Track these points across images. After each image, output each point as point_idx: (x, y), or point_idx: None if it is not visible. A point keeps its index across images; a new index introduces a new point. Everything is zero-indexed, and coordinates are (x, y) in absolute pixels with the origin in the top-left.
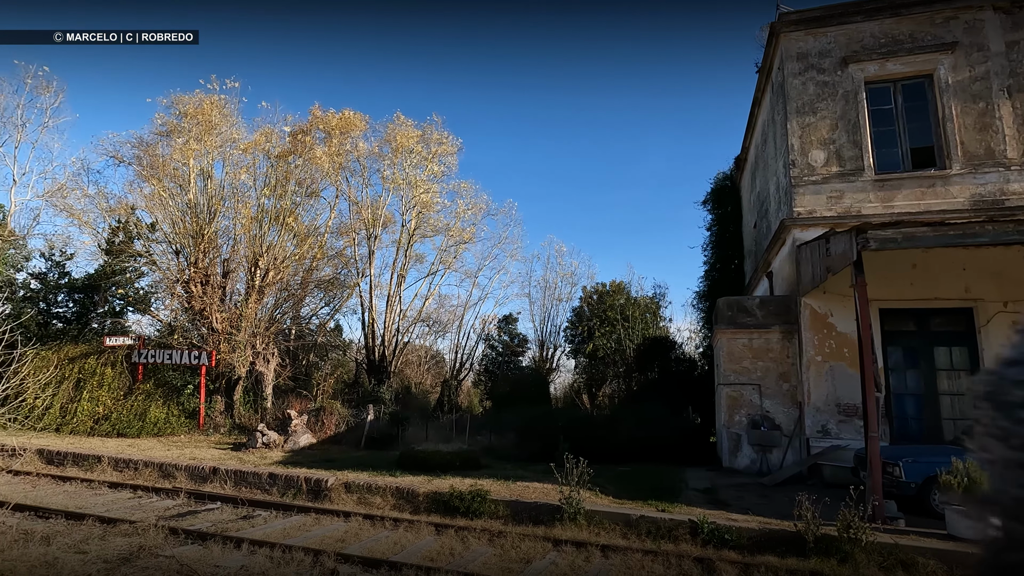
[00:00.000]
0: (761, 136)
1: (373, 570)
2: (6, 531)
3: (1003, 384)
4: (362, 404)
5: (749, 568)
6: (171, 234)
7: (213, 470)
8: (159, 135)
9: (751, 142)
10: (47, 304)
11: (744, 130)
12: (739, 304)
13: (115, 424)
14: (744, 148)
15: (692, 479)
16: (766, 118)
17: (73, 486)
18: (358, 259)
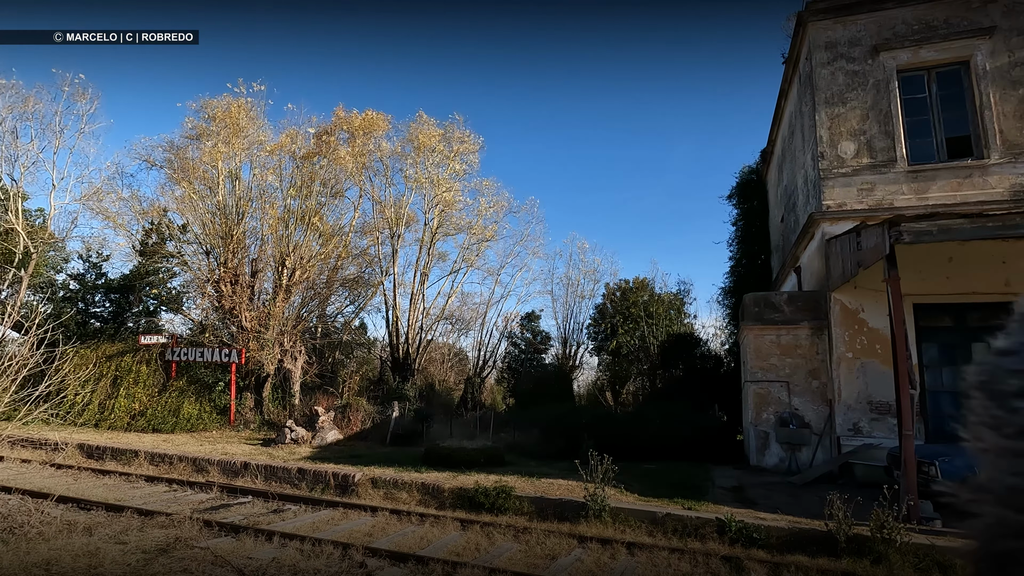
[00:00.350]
0: (788, 128)
1: (400, 564)
2: (51, 521)
3: (998, 373)
4: (387, 401)
5: (779, 567)
6: (201, 235)
7: (244, 465)
8: (189, 139)
9: (777, 134)
10: (85, 304)
11: (770, 122)
12: (766, 300)
13: (150, 420)
14: (770, 141)
15: (719, 477)
16: (793, 110)
17: (112, 479)
18: (382, 258)
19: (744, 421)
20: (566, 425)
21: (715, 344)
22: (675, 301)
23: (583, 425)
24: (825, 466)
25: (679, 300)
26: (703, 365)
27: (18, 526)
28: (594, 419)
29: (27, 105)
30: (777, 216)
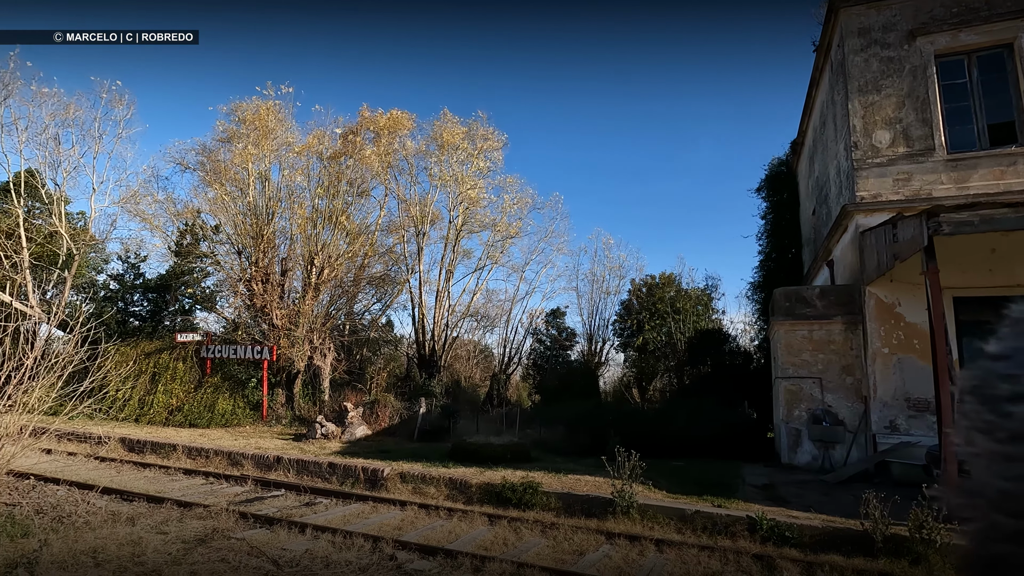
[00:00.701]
0: (819, 118)
1: (430, 557)
2: (97, 511)
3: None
4: (414, 397)
5: (812, 567)
6: (233, 235)
7: (277, 459)
8: (220, 141)
9: (808, 125)
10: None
11: (800, 113)
12: (797, 294)
13: (187, 415)
14: (801, 132)
15: (749, 475)
16: (824, 99)
17: (152, 472)
18: (407, 256)
19: (775, 418)
20: (592, 422)
21: (744, 340)
22: (702, 297)
23: (609, 422)
24: (860, 464)
25: (706, 296)
26: (732, 361)
27: (66, 515)
28: (620, 416)
29: (68, 112)
30: (808, 209)
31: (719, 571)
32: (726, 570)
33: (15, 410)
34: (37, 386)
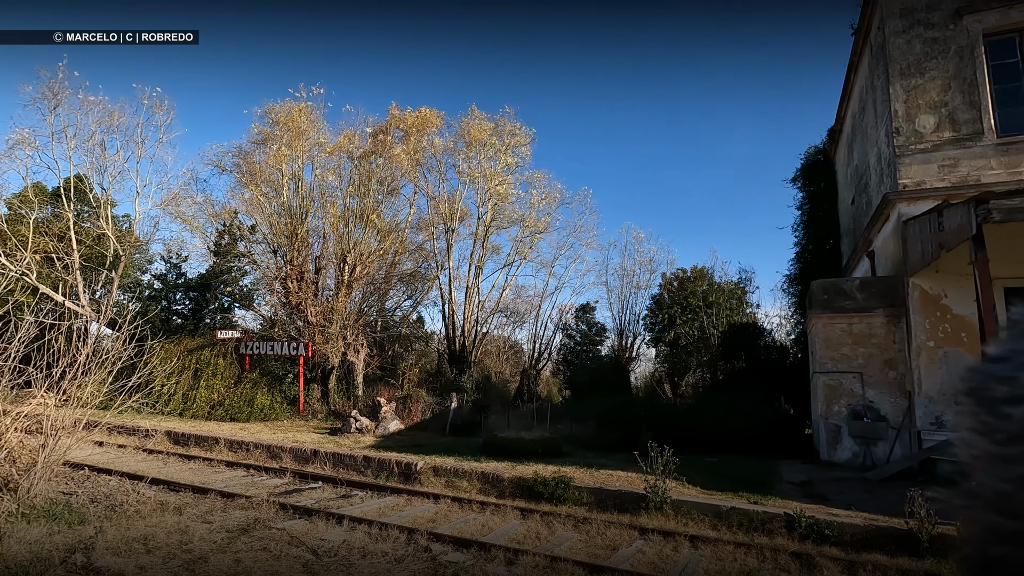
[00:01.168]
0: (858, 104)
1: (464, 550)
2: (146, 501)
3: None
4: (445, 393)
5: (854, 566)
6: (269, 235)
7: (314, 452)
8: (255, 143)
9: (846, 111)
10: (168, 302)
11: (838, 99)
12: (836, 287)
13: (228, 409)
14: (838, 119)
15: (786, 472)
16: (864, 84)
17: (196, 464)
18: (437, 252)
19: (813, 414)
20: (623, 417)
21: (780, 334)
22: (736, 290)
23: (641, 417)
24: (904, 461)
25: (740, 289)
26: (767, 356)
27: (118, 504)
28: (652, 411)
29: (112, 119)
30: (847, 198)
31: (756, 568)
32: (763, 567)
33: (70, 404)
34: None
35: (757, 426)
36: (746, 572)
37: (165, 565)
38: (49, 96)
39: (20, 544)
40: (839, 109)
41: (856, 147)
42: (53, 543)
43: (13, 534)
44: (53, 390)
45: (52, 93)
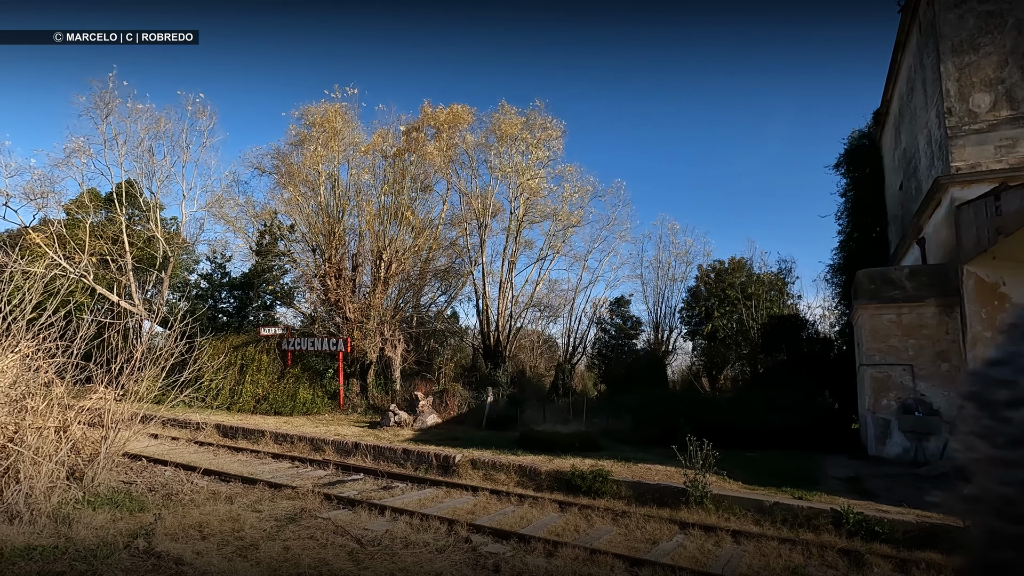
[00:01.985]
0: (906, 84)
1: (503, 541)
2: (200, 490)
3: (988, 384)
4: (480, 387)
5: (906, 564)
6: (308, 234)
7: (355, 445)
8: (292, 145)
9: (893, 93)
10: (214, 300)
11: (884, 81)
12: (883, 276)
13: (272, 403)
14: (885, 101)
15: (832, 467)
16: (912, 63)
17: (244, 456)
18: (470, 248)
19: (860, 408)
20: (661, 411)
21: (823, 326)
22: (776, 281)
23: (679, 411)
24: None
25: (780, 280)
26: (810, 348)
27: (175, 493)
28: (690, 405)
29: (159, 125)
30: (894, 183)
31: (802, 565)
32: (810, 564)
33: (127, 398)
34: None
35: (800, 420)
36: (791, 569)
37: (220, 551)
38: (101, 106)
39: (88, 529)
40: (885, 91)
41: (904, 130)
42: (117, 529)
43: (81, 519)
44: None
45: (104, 103)
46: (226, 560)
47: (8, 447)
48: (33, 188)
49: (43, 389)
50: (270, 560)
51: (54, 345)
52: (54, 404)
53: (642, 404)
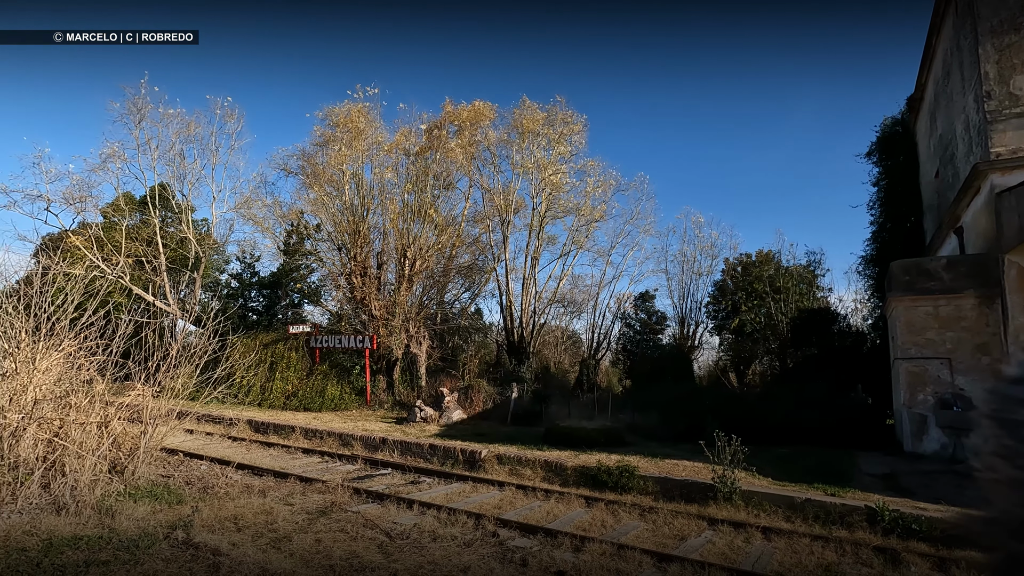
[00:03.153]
0: (942, 68)
1: (530, 536)
2: (235, 484)
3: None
4: (505, 383)
5: (945, 563)
6: (333, 233)
7: (382, 440)
8: (317, 145)
9: (928, 78)
10: (244, 299)
11: (918, 65)
12: (919, 267)
13: (301, 400)
14: (919, 86)
15: (865, 463)
16: (948, 46)
17: (276, 450)
18: (493, 245)
19: (895, 403)
20: (687, 406)
21: (856, 319)
22: (805, 274)
23: (706, 407)
24: None
25: (810, 272)
26: (842, 343)
27: (210, 487)
28: (717, 401)
29: (189, 129)
30: (930, 171)
31: (835, 562)
32: (843, 561)
33: (164, 395)
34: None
35: (832, 416)
36: (824, 566)
37: (254, 543)
38: (134, 111)
39: (129, 520)
40: (919, 76)
41: (940, 115)
42: (157, 520)
43: (123, 511)
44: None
45: (136, 108)
46: (261, 551)
47: (54, 441)
48: (72, 193)
49: (85, 386)
50: (303, 552)
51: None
52: (96, 400)
53: (668, 400)
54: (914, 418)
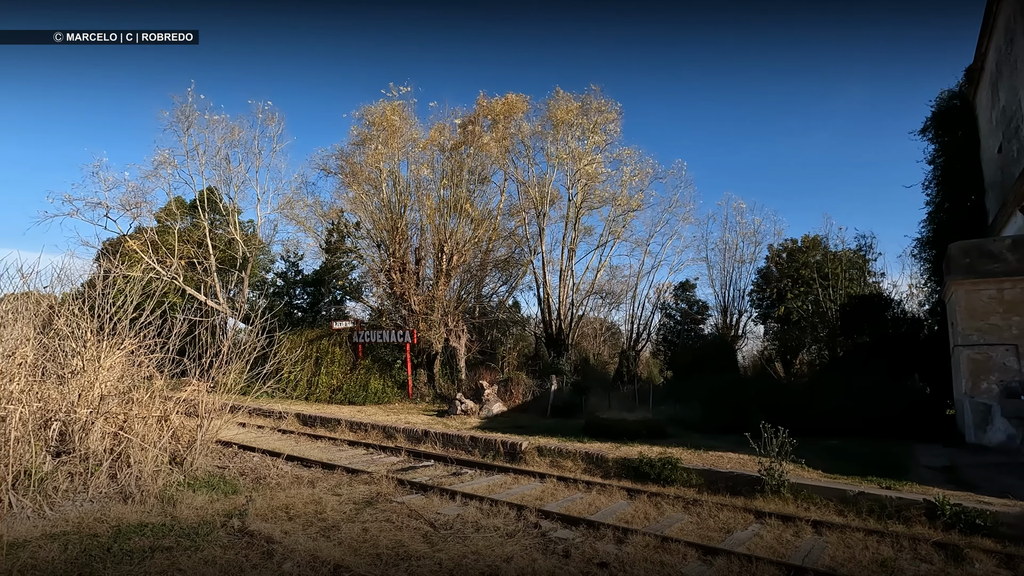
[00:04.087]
0: (1004, 36)
1: (572, 527)
2: (285, 475)
3: None
4: (543, 375)
5: (1013, 560)
6: (372, 230)
7: (425, 433)
8: (355, 145)
9: (988, 46)
10: (289, 297)
11: (977, 33)
12: (980, 248)
13: (346, 393)
14: (978, 55)
15: (924, 455)
16: (1012, 11)
17: (323, 443)
18: (529, 237)
19: (955, 392)
20: (731, 397)
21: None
22: (855, 259)
23: (751, 397)
24: None
25: (860, 257)
26: (896, 329)
27: (263, 478)
28: (763, 391)
29: (234, 134)
30: (992, 146)
31: (892, 558)
32: (901, 557)
33: (217, 390)
34: (231, 370)
35: (886, 406)
36: (880, 561)
37: (305, 531)
38: (182, 119)
39: (189, 509)
40: (979, 44)
41: (1003, 86)
42: (214, 509)
43: (183, 500)
44: (203, 378)
45: (184, 116)
46: (311, 539)
47: (120, 434)
48: (128, 199)
49: (145, 382)
50: (351, 540)
51: (152, 342)
52: (155, 396)
53: (711, 390)
54: (977, 408)
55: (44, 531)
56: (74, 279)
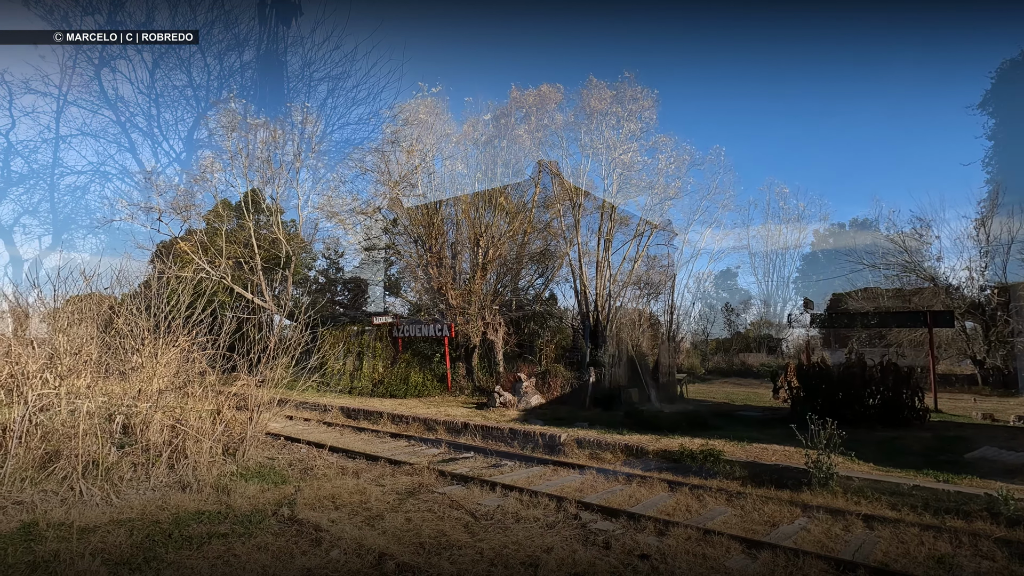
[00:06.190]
0: None
1: (612, 519)
2: (330, 465)
3: None
4: (581, 367)
5: None
6: (409, 226)
7: (464, 425)
8: (389, 142)
9: None
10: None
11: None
12: None
13: (387, 387)
14: None
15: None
16: None
17: (366, 435)
18: (565, 229)
19: (1019, 382)
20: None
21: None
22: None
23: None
24: None
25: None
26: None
27: (309, 468)
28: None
29: (274, 136)
30: None
31: (950, 554)
32: (959, 553)
33: (265, 384)
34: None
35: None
36: (936, 558)
37: (351, 520)
38: (226, 124)
39: (242, 498)
40: None
41: None
42: (265, 498)
43: (236, 490)
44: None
45: (227, 121)
46: (356, 528)
47: (177, 427)
48: (178, 203)
49: (199, 377)
50: (394, 529)
51: (204, 339)
52: (208, 390)
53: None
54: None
55: (111, 517)
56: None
